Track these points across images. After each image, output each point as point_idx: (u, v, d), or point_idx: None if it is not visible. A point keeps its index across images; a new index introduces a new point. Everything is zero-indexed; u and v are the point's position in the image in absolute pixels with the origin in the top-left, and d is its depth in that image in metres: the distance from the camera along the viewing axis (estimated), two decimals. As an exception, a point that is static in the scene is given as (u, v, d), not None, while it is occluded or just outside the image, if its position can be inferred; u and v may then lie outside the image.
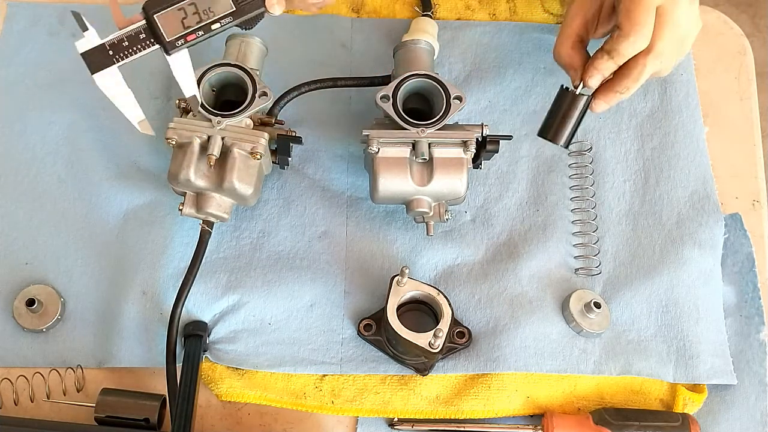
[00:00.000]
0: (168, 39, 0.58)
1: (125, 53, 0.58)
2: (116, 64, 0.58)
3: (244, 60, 0.71)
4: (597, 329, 0.69)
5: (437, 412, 0.67)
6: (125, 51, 0.58)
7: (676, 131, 0.79)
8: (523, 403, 0.68)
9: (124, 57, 0.58)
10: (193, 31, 0.58)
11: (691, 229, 0.74)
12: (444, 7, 0.84)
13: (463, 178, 0.68)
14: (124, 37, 0.58)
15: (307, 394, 0.68)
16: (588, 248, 0.74)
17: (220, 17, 0.59)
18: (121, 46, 0.58)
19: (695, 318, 0.71)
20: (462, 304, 0.71)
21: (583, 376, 0.69)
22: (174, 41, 0.58)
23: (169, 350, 0.65)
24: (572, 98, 0.68)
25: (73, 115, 0.77)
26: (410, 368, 0.68)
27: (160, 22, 0.58)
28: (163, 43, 0.58)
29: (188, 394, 0.63)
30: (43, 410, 0.66)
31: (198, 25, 0.58)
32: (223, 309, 0.70)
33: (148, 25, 0.58)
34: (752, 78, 0.84)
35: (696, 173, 0.77)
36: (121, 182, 0.74)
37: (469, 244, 0.74)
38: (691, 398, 0.68)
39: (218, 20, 0.59)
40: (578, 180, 0.77)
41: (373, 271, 0.72)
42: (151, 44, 0.59)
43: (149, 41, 0.58)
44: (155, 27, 0.58)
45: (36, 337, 0.68)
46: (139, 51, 0.59)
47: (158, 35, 0.58)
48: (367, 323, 0.69)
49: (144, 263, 0.71)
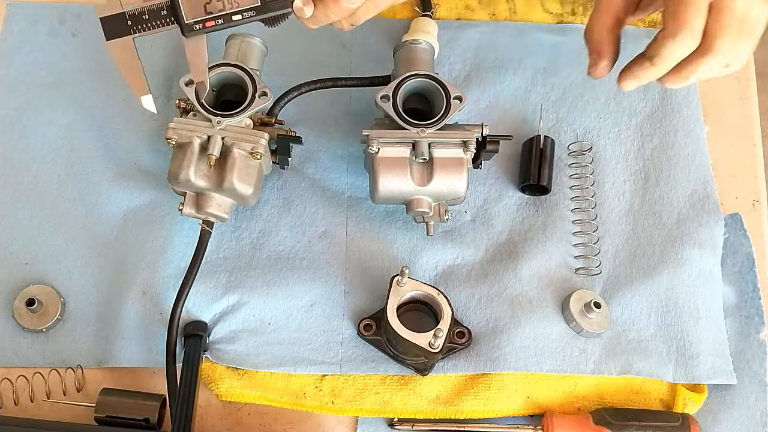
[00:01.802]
0: (187, 21, 0.58)
1: (143, 26, 0.58)
2: (132, 35, 0.58)
3: (244, 60, 0.71)
4: (597, 329, 0.69)
5: (437, 412, 0.67)
6: (144, 24, 0.58)
7: (677, 131, 0.79)
8: (523, 403, 0.68)
9: (141, 30, 0.58)
10: (213, 18, 0.58)
11: (691, 229, 0.74)
12: (444, 7, 0.84)
13: (463, 178, 0.68)
14: (145, 9, 0.58)
15: (307, 394, 0.68)
16: (588, 248, 0.74)
17: (243, 9, 0.58)
18: (141, 19, 0.58)
19: (695, 318, 0.71)
20: (462, 304, 0.71)
21: (583, 376, 0.69)
22: (192, 24, 0.58)
23: (169, 350, 0.65)
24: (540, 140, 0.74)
25: (73, 115, 0.77)
26: (410, 368, 0.68)
27: (182, 2, 0.58)
28: (181, 24, 0.58)
29: (188, 394, 0.63)
30: (43, 410, 0.66)
31: (220, 12, 0.58)
32: (223, 309, 0.70)
33: (171, 2, 0.58)
34: (752, 78, 0.84)
35: (696, 173, 0.77)
36: (121, 182, 0.74)
37: (469, 244, 0.74)
38: (691, 398, 0.68)
39: (241, 12, 0.58)
40: (578, 180, 0.77)
41: (373, 271, 0.72)
42: (170, 22, 0.58)
43: (169, 19, 0.58)
44: (177, 6, 0.58)
45: (36, 337, 0.68)
46: (156, 27, 0.58)
47: (178, 15, 0.58)
48: (367, 323, 0.69)
49: (144, 263, 0.71)
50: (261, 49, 0.73)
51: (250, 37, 0.72)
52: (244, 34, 0.72)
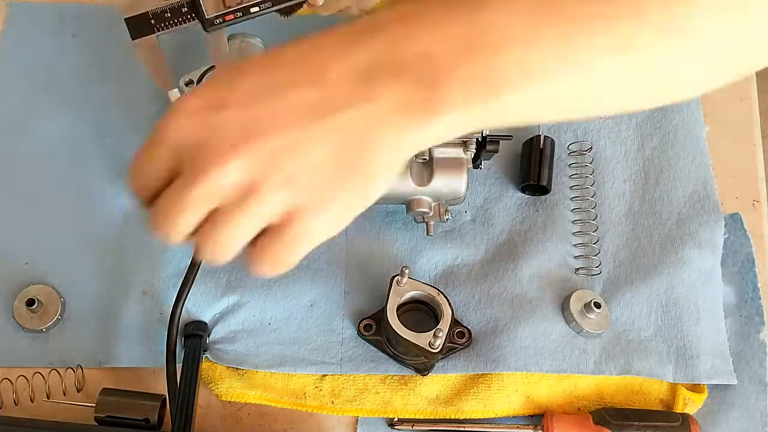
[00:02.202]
0: (208, 16, 0.61)
1: (166, 24, 0.62)
2: (155, 34, 0.61)
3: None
4: (597, 329, 0.69)
5: (437, 412, 0.67)
6: (166, 22, 0.62)
7: (677, 131, 0.79)
8: (523, 403, 0.68)
9: (164, 28, 0.62)
10: (232, 11, 0.61)
11: (691, 229, 0.74)
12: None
13: (463, 178, 0.68)
14: (167, 8, 0.61)
15: (307, 394, 0.68)
16: (588, 248, 0.74)
17: (260, 1, 0.62)
18: (163, 17, 0.62)
19: (695, 318, 0.71)
20: (462, 304, 0.71)
21: (583, 376, 0.69)
22: (213, 19, 0.61)
23: (169, 350, 0.65)
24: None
25: (73, 115, 0.77)
26: (410, 368, 0.68)
27: None
28: (202, 19, 0.61)
29: (188, 394, 0.63)
30: (43, 410, 0.66)
31: (238, 6, 0.61)
32: (223, 309, 0.70)
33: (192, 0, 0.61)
34: (752, 78, 0.83)
35: (696, 173, 0.77)
36: (121, 182, 0.74)
37: (469, 244, 0.74)
38: (691, 398, 0.68)
39: (258, 4, 0.61)
40: (578, 180, 0.77)
41: (373, 271, 0.72)
42: (191, 19, 0.62)
43: (190, 16, 0.61)
44: (198, 3, 0.61)
45: (36, 337, 0.68)
46: (178, 24, 0.62)
47: (199, 11, 0.61)
48: (367, 323, 0.69)
49: (144, 263, 0.71)
50: (261, 49, 0.73)
51: (250, 37, 0.72)
52: (244, 34, 0.72)
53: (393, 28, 0.40)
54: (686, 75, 0.44)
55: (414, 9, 0.41)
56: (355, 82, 0.40)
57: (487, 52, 0.39)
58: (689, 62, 0.43)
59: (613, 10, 0.40)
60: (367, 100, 0.40)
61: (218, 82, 0.42)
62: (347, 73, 0.40)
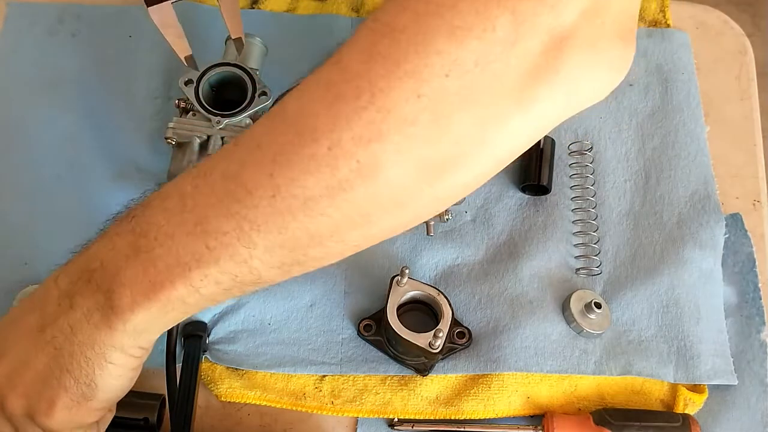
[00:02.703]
0: None
1: None
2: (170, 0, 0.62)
3: (244, 60, 0.71)
4: (597, 329, 0.69)
5: (437, 413, 0.67)
6: None
7: (677, 131, 0.79)
8: (524, 403, 0.68)
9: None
10: None
11: (691, 229, 0.74)
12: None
13: (464, 178, 0.68)
14: None
15: (306, 395, 0.68)
16: (588, 248, 0.74)
17: None
18: None
19: (696, 318, 0.71)
20: (462, 304, 0.71)
21: (584, 376, 0.68)
22: None
23: (169, 350, 0.65)
24: None
25: (73, 115, 0.77)
26: (410, 368, 0.68)
27: None
28: None
29: (188, 395, 0.63)
30: (42, 410, 0.66)
31: None
32: (223, 309, 0.70)
33: None
34: (753, 78, 0.83)
35: (697, 173, 0.77)
36: (121, 182, 0.74)
37: (469, 244, 0.74)
38: (692, 399, 0.68)
39: None
40: (579, 180, 0.77)
41: (373, 271, 0.72)
42: None
43: None
44: None
45: (35, 338, 0.68)
46: None
47: None
48: (367, 323, 0.69)
49: (143, 263, 0.70)
50: (261, 48, 0.73)
51: (250, 36, 0.72)
52: (244, 34, 0.72)
53: (96, 240, 0.48)
54: None
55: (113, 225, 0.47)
56: (64, 295, 0.47)
57: (142, 253, 0.44)
58: None
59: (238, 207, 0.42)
60: (70, 308, 0.46)
61: None
62: (58, 289, 0.47)
